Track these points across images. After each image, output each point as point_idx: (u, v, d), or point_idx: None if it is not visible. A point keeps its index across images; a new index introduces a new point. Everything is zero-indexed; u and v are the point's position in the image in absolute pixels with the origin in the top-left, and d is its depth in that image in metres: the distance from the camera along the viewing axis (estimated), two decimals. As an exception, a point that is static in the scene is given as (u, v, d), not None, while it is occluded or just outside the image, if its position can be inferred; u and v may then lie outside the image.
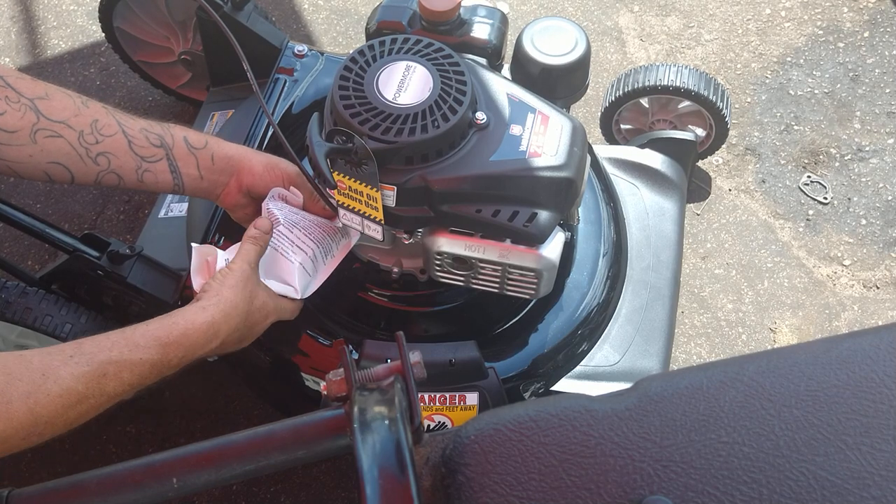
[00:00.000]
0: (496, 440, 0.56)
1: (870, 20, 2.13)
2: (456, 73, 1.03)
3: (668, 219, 1.49)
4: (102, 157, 1.02)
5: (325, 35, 2.15)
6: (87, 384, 0.83)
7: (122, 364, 0.86)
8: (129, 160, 1.03)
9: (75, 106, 1.01)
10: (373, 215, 1.04)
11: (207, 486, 0.61)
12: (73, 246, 1.30)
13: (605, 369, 1.29)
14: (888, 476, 0.53)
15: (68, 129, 0.99)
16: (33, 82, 0.98)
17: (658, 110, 1.71)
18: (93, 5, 2.15)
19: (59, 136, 0.98)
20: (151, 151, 1.05)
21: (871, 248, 1.81)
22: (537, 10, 2.18)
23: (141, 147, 1.04)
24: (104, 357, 0.85)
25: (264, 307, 1.02)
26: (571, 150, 1.03)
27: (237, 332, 0.98)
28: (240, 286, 0.98)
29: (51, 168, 1.00)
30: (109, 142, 1.02)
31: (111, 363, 0.85)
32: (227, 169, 1.10)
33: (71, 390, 0.81)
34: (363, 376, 0.63)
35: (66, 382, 0.81)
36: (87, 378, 0.83)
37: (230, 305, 0.96)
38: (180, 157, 1.07)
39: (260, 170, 1.10)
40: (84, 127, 1.00)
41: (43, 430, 0.81)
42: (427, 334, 1.26)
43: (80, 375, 0.82)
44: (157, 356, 0.88)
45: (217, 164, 1.09)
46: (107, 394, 0.85)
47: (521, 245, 1.04)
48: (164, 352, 0.89)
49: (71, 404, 0.82)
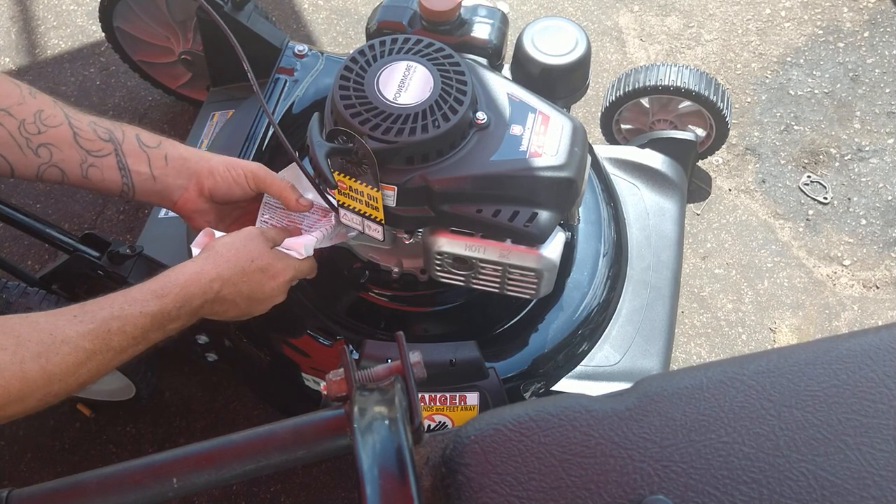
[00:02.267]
0: (496, 440, 0.56)
1: (870, 20, 2.13)
2: (456, 72, 1.03)
3: (668, 219, 1.49)
4: (44, 148, 0.97)
5: (324, 35, 2.15)
6: (94, 341, 0.85)
7: (124, 318, 0.88)
8: (74, 153, 0.99)
9: (20, 95, 0.97)
10: (373, 215, 1.04)
11: (207, 486, 0.61)
12: (74, 246, 1.30)
13: (606, 369, 1.29)
14: (888, 476, 0.53)
15: (8, 117, 0.95)
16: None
17: (658, 110, 1.71)
18: (93, 5, 2.15)
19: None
20: (99, 145, 1.00)
21: (871, 248, 1.81)
22: (537, 9, 2.18)
23: (87, 140, 0.99)
24: (106, 313, 0.87)
25: (269, 267, 1.01)
26: (572, 150, 1.03)
27: (233, 288, 0.97)
28: (236, 242, 0.99)
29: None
30: (53, 133, 0.97)
31: (114, 318, 0.87)
32: (182, 171, 1.05)
33: (79, 348, 0.84)
34: (363, 376, 0.63)
35: (75, 341, 0.84)
36: (94, 335, 0.85)
37: (222, 259, 0.97)
38: (130, 154, 1.02)
39: (221, 170, 1.06)
40: (27, 116, 0.96)
41: (58, 388, 0.83)
42: (427, 334, 1.26)
43: (86, 333, 0.85)
44: (155, 308, 0.91)
45: (171, 164, 1.04)
46: (113, 348, 0.87)
47: (522, 245, 1.04)
48: (162, 303, 0.91)
49: (81, 361, 0.84)
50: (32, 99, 0.98)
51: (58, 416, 1.62)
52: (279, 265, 1.02)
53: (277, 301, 1.05)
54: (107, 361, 0.87)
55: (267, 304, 1.04)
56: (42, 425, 1.61)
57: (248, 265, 0.98)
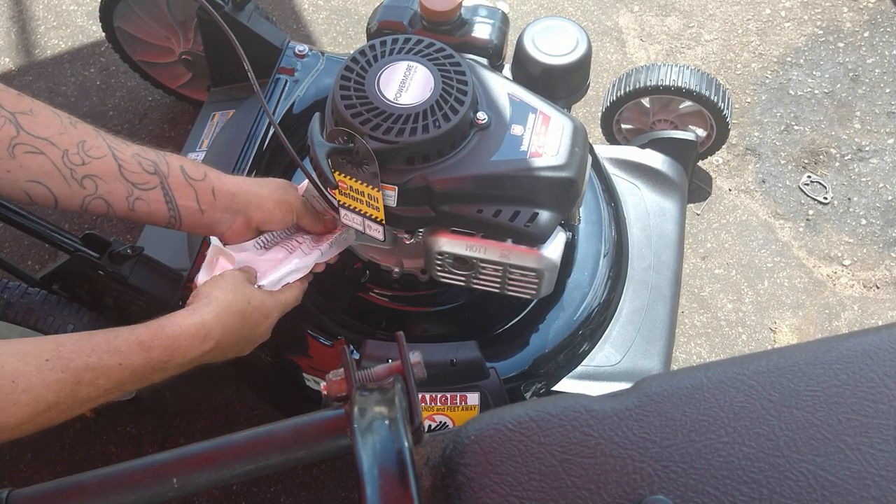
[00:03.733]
0: (496, 440, 0.57)
1: (870, 20, 2.13)
2: (457, 73, 1.03)
3: (668, 219, 1.49)
4: (89, 179, 0.93)
5: (324, 35, 2.15)
6: (59, 392, 0.80)
7: (99, 370, 0.83)
8: (119, 186, 0.95)
9: (61, 124, 0.93)
10: (374, 215, 1.04)
11: (207, 486, 0.61)
12: (75, 246, 1.30)
13: (607, 369, 1.29)
14: (888, 476, 0.53)
15: (51, 147, 0.91)
16: (19, 97, 0.91)
17: (659, 110, 1.71)
18: (93, 5, 2.15)
19: (40, 153, 0.90)
20: (144, 178, 0.97)
21: (871, 248, 1.81)
22: (537, 10, 2.18)
23: (132, 173, 0.96)
24: (81, 363, 0.82)
25: (262, 306, 1.00)
26: (572, 150, 1.03)
27: (234, 335, 0.96)
28: (231, 287, 0.96)
29: (31, 188, 0.91)
30: (97, 164, 0.94)
31: (88, 369, 0.82)
32: (231, 207, 1.03)
33: (41, 399, 0.79)
34: (363, 376, 0.63)
35: (37, 391, 0.78)
36: (60, 386, 0.80)
37: (222, 306, 0.93)
38: (176, 188, 0.99)
39: (271, 206, 1.04)
40: (69, 146, 0.92)
41: (9, 435, 0.79)
42: (428, 334, 1.26)
43: (52, 383, 0.79)
44: (138, 361, 0.86)
45: (220, 200, 1.02)
46: (79, 400, 0.82)
47: (523, 245, 1.04)
48: (147, 356, 0.86)
49: (40, 412, 0.79)
50: (73, 129, 0.94)
51: (58, 416, 1.62)
52: (270, 302, 1.02)
53: (264, 340, 1.04)
54: (69, 411, 0.82)
55: (256, 345, 1.03)
56: (42, 425, 1.61)
57: (247, 311, 0.97)
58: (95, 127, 0.97)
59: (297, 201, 1.08)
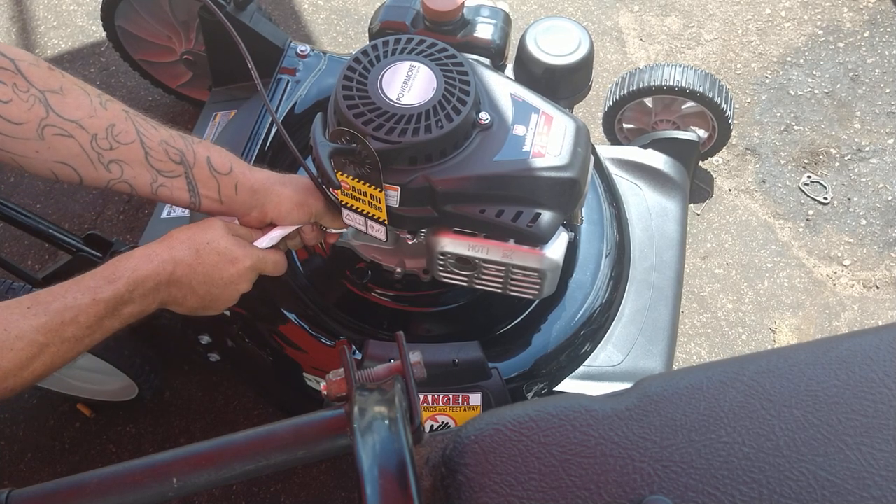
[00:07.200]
0: (496, 440, 0.57)
1: (870, 20, 2.13)
2: (459, 73, 1.03)
3: (670, 219, 1.49)
4: (115, 164, 0.96)
5: (325, 35, 2.15)
6: (47, 334, 0.85)
7: (76, 308, 0.87)
8: (144, 172, 0.98)
9: (91, 106, 0.94)
10: (376, 215, 1.04)
11: (207, 486, 0.61)
12: (77, 246, 1.30)
13: (609, 370, 1.29)
14: (888, 476, 0.53)
15: (80, 130, 0.92)
16: (49, 72, 0.91)
17: (661, 110, 1.71)
18: (93, 5, 2.16)
19: (69, 136, 0.92)
20: (170, 167, 0.99)
21: (871, 248, 1.81)
22: (537, 10, 2.18)
23: (158, 161, 0.98)
24: (59, 304, 0.86)
25: (227, 251, 0.99)
26: (575, 150, 1.03)
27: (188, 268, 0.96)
28: (192, 227, 0.99)
29: (58, 168, 0.94)
30: (125, 150, 0.95)
31: (67, 309, 0.87)
32: (249, 202, 1.04)
33: (33, 342, 0.84)
34: (363, 376, 0.63)
35: (29, 335, 0.83)
36: (47, 328, 0.85)
37: (175, 240, 0.97)
38: (201, 179, 1.01)
39: (290, 206, 1.06)
40: (98, 130, 0.94)
41: (12, 384, 0.83)
42: (430, 334, 1.26)
43: (39, 326, 0.84)
44: (107, 294, 0.90)
45: (241, 195, 1.04)
46: (67, 340, 0.87)
47: (525, 245, 1.04)
48: (114, 288, 0.90)
49: (35, 355, 0.84)
50: (104, 110, 0.95)
51: (58, 416, 1.62)
52: (238, 251, 1.01)
53: (241, 290, 1.03)
54: (62, 353, 0.87)
55: (229, 293, 1.02)
56: (42, 425, 1.61)
57: (202, 247, 0.98)
58: (125, 106, 0.98)
59: (317, 203, 1.08)
